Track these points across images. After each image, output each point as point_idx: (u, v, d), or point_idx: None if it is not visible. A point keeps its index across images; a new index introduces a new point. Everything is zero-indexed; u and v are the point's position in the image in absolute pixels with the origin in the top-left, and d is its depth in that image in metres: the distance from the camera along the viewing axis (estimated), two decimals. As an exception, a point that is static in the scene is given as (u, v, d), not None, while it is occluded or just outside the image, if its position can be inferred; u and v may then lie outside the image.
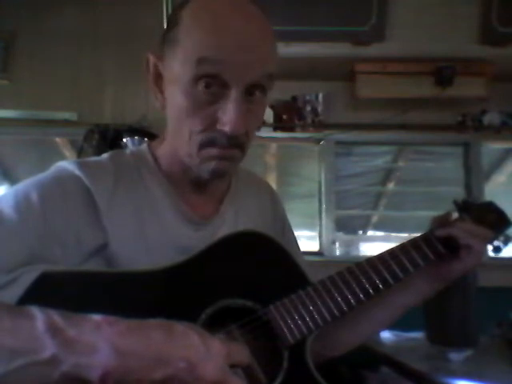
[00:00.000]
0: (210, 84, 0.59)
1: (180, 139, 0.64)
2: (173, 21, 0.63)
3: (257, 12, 0.62)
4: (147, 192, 0.68)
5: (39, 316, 0.44)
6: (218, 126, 0.60)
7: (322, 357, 0.73)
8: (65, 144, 2.40)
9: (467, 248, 0.70)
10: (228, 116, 0.59)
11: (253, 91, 0.61)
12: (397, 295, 0.75)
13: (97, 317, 0.46)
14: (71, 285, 0.55)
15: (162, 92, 0.66)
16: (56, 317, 0.44)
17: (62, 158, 2.38)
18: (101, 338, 0.44)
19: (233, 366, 0.50)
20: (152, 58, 0.66)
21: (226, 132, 0.59)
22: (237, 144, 0.62)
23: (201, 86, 0.59)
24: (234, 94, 0.59)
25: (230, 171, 0.67)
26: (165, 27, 0.67)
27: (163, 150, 0.71)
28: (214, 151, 0.62)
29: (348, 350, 0.80)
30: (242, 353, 0.52)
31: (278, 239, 0.68)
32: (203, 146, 0.62)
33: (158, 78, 0.66)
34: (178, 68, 0.62)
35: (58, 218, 0.60)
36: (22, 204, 0.58)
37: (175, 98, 0.63)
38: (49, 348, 0.42)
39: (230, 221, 0.74)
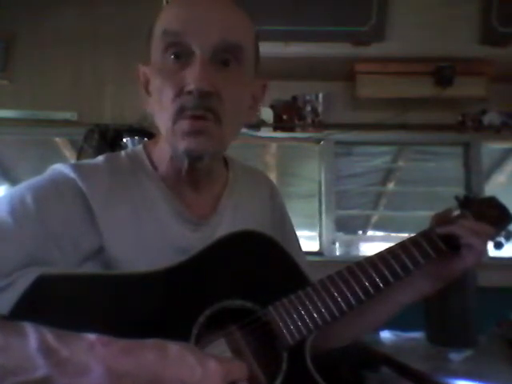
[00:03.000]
0: (178, 54, 0.61)
1: (161, 124, 0.65)
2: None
3: None
4: (143, 193, 0.68)
5: (32, 334, 0.43)
6: (185, 88, 0.60)
7: (316, 348, 0.73)
8: (65, 144, 2.40)
9: (468, 246, 0.70)
10: (192, 74, 0.59)
11: (226, 60, 0.62)
12: (396, 293, 0.75)
13: (91, 336, 0.45)
14: (68, 288, 0.55)
15: (151, 96, 0.67)
16: (49, 335, 0.44)
17: (62, 157, 2.38)
18: (94, 358, 0.43)
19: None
20: (141, 68, 0.68)
21: (192, 89, 0.59)
22: (208, 107, 0.61)
23: (169, 57, 0.62)
24: (198, 55, 0.60)
25: (208, 150, 0.64)
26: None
27: (158, 150, 0.71)
28: (185, 124, 0.61)
29: (343, 344, 0.81)
30: (240, 370, 0.51)
31: (277, 236, 0.68)
32: (176, 117, 0.61)
33: (148, 83, 0.68)
34: (153, 55, 0.64)
35: (53, 221, 0.59)
36: (18, 208, 0.58)
37: (153, 85, 0.65)
38: (41, 368, 0.41)
39: (229, 218, 0.74)
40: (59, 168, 0.65)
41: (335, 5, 1.99)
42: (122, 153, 0.73)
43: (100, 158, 0.70)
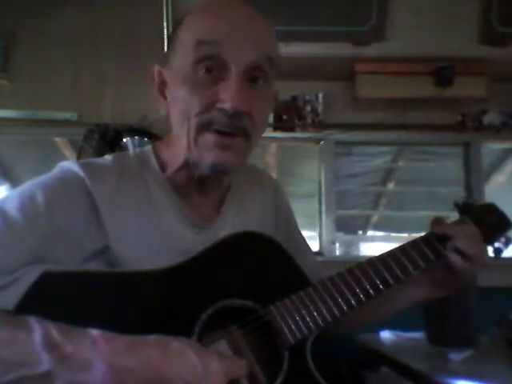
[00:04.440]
0: (211, 68, 0.60)
1: (181, 132, 0.63)
2: (175, 25, 0.66)
3: (250, 7, 0.64)
4: (149, 194, 0.68)
5: (37, 329, 0.44)
6: (218, 105, 0.59)
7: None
8: (65, 144, 2.40)
9: (461, 251, 0.69)
10: (228, 92, 0.58)
11: (255, 77, 0.61)
12: (400, 294, 0.76)
13: (94, 332, 0.46)
14: (72, 285, 0.55)
15: (166, 98, 0.67)
16: (54, 330, 0.44)
17: (62, 158, 2.37)
18: (97, 354, 0.44)
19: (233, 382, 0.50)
20: (156, 68, 0.67)
21: (226, 108, 0.58)
22: (239, 127, 0.60)
23: (201, 70, 0.60)
24: (233, 72, 0.59)
25: (234, 165, 0.64)
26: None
27: (168, 153, 0.71)
28: (211, 138, 0.60)
29: (343, 333, 0.82)
30: (240, 367, 0.51)
31: (282, 236, 0.68)
32: (200, 129, 0.60)
33: (163, 85, 0.67)
34: (178, 62, 0.63)
35: (61, 220, 0.60)
36: (27, 205, 0.59)
37: (176, 94, 0.63)
38: (45, 363, 0.42)
39: (231, 220, 0.74)
40: (69, 166, 0.65)
41: (335, 5, 1.99)
42: (131, 152, 0.73)
43: (109, 158, 0.70)
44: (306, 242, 0.88)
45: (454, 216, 0.79)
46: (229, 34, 0.59)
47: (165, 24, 2.04)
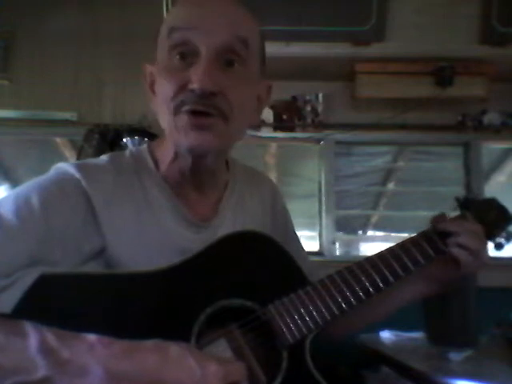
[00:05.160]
0: (184, 55, 0.61)
1: (163, 121, 0.64)
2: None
3: None
4: (146, 194, 0.68)
5: (33, 334, 0.43)
6: (189, 86, 0.60)
7: (324, 336, 0.73)
8: (65, 144, 2.40)
9: (464, 246, 0.69)
10: (196, 73, 0.59)
11: (231, 61, 0.62)
12: (396, 291, 0.76)
13: (91, 337, 0.45)
14: (70, 287, 0.55)
15: (156, 96, 0.67)
16: (50, 336, 0.44)
17: (62, 158, 2.38)
18: (94, 360, 0.43)
19: None
20: (148, 68, 0.68)
21: (195, 88, 0.58)
22: (212, 105, 0.60)
23: (175, 57, 0.61)
24: (203, 54, 0.60)
25: (213, 147, 0.63)
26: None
27: (162, 151, 0.71)
28: (184, 119, 0.60)
29: (339, 337, 0.82)
30: (239, 371, 0.51)
31: (278, 236, 0.68)
32: (175, 111, 0.61)
33: (153, 83, 0.68)
34: (158, 55, 0.64)
35: (57, 222, 0.59)
36: (23, 208, 0.58)
37: (159, 86, 0.65)
38: (41, 368, 0.42)
39: (229, 220, 0.74)
40: (64, 167, 0.65)
41: (335, 5, 1.99)
42: (127, 152, 0.73)
43: (104, 158, 0.70)
44: (301, 244, 0.88)
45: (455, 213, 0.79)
46: (199, 19, 0.60)
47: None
